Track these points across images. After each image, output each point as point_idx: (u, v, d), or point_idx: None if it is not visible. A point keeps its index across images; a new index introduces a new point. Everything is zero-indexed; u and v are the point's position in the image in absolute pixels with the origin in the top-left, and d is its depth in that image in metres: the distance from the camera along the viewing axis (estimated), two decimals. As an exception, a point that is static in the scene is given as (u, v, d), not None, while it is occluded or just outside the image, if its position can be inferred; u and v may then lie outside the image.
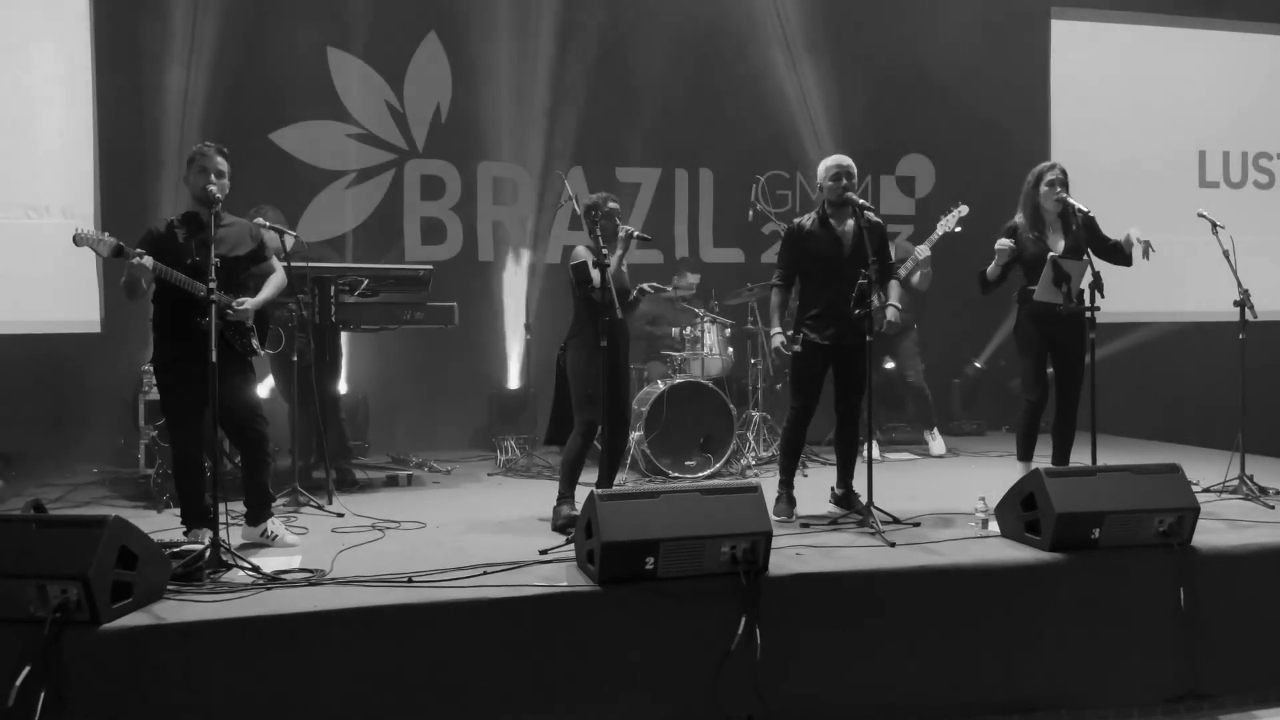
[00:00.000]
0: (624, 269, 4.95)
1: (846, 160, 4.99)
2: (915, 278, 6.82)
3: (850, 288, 4.68)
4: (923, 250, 6.87)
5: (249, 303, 4.41)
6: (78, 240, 4.11)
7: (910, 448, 7.44)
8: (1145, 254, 5.03)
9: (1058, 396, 5.28)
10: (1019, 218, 5.22)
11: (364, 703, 3.40)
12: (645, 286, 5.19)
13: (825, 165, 5.02)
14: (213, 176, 4.28)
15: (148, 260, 4.08)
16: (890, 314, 5.07)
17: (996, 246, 5.12)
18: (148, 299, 4.35)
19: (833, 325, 4.90)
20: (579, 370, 4.85)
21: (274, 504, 4.70)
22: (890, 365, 7.46)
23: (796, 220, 5.10)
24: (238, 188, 4.62)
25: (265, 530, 4.45)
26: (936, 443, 7.30)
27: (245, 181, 4.96)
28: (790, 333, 4.99)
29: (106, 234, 4.20)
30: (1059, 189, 5.11)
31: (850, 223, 4.96)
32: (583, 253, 4.82)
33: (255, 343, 4.53)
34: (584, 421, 4.88)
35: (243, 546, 4.31)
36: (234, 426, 4.44)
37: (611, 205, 5.01)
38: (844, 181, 4.93)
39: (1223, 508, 4.99)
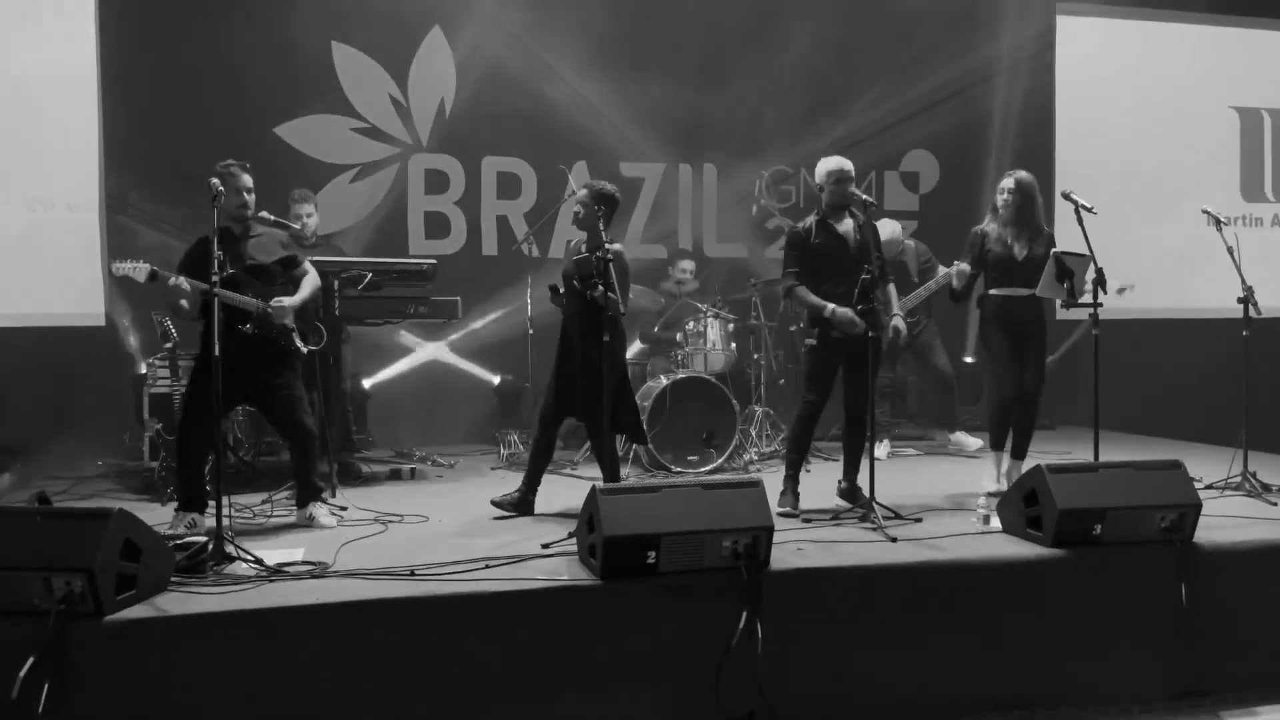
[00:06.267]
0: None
1: (847, 164, 5.03)
2: (954, 282, 5.72)
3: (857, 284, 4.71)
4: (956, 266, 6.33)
5: (286, 302, 4.74)
6: (116, 272, 4.62)
7: (915, 443, 7.41)
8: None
9: (1022, 392, 5.32)
10: (987, 222, 5.35)
11: (366, 695, 3.41)
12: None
13: (827, 169, 5.04)
14: (232, 193, 4.56)
15: (183, 280, 4.38)
16: (897, 323, 5.10)
17: (953, 269, 5.30)
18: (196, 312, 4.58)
19: None
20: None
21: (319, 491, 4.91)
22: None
23: (796, 226, 5.11)
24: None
25: (307, 513, 4.80)
26: (971, 440, 6.88)
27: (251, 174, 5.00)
28: (807, 335, 5.03)
29: (142, 261, 4.60)
30: (1005, 194, 5.25)
31: (849, 221, 5.01)
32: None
33: (298, 340, 4.83)
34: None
35: (291, 526, 4.75)
36: (280, 420, 4.81)
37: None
38: (847, 185, 4.97)
39: (1226, 504, 4.98)
